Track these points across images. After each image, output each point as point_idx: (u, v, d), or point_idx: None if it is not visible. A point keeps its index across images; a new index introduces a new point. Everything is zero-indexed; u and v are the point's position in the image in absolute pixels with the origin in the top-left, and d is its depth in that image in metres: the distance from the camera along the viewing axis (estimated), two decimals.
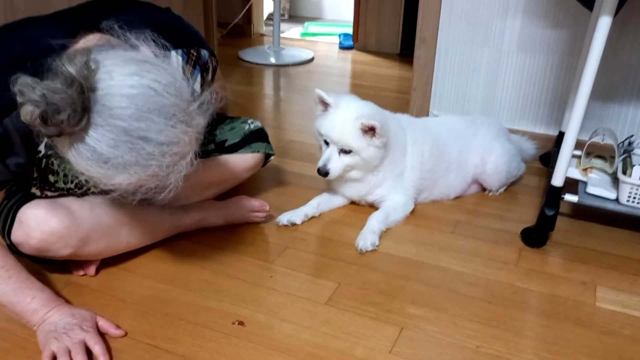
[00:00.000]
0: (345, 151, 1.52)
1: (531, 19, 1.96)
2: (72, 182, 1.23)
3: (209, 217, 1.51)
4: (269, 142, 1.62)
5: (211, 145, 1.57)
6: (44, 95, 0.85)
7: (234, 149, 1.55)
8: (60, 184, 1.23)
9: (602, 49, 1.32)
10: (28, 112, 0.85)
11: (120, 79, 0.90)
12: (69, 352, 1.04)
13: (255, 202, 1.54)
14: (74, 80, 0.86)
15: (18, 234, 1.16)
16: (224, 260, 1.40)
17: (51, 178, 1.22)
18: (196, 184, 1.52)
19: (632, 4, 1.75)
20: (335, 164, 1.54)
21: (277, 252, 1.45)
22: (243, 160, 1.56)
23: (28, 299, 1.10)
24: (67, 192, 1.25)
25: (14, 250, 1.19)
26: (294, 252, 1.45)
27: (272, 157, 1.66)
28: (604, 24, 1.31)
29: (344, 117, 1.51)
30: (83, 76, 0.87)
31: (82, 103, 0.87)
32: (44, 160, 1.19)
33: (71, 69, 0.86)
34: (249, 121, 1.63)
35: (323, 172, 1.54)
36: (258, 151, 1.57)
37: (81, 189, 1.25)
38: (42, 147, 1.17)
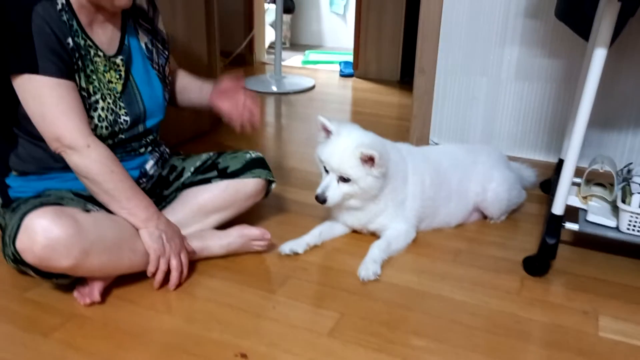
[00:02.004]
0: (344, 179, 1.54)
1: (528, 48, 1.99)
2: (91, 84, 1.34)
3: (211, 246, 1.52)
4: (269, 170, 1.65)
5: (214, 172, 1.59)
6: None
7: (236, 174, 1.59)
8: (83, 82, 1.32)
9: (598, 80, 1.35)
10: None
11: None
12: (168, 256, 1.35)
13: (256, 231, 1.55)
14: None
15: (23, 240, 1.19)
16: (226, 291, 1.40)
17: (76, 79, 1.30)
18: (198, 210, 1.56)
19: (628, 34, 1.78)
20: (334, 191, 1.55)
21: (279, 282, 1.45)
22: (244, 185, 1.59)
23: (144, 199, 1.35)
24: (87, 98, 1.33)
25: (17, 258, 1.21)
26: (296, 282, 1.45)
27: (274, 186, 1.67)
28: (599, 56, 1.33)
29: (344, 146, 1.52)
30: None
31: None
32: (73, 53, 1.28)
33: None
34: (251, 151, 1.67)
35: (321, 199, 1.55)
36: (260, 177, 1.60)
37: (92, 95, 1.34)
38: (69, 40, 1.27)
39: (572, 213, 1.57)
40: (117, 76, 1.40)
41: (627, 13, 1.58)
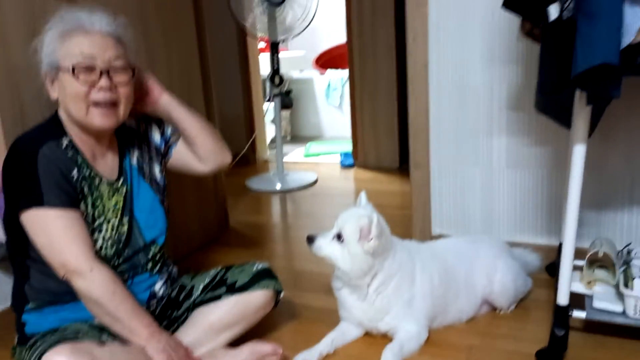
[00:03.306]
0: (339, 239, 1.59)
1: (515, 137, 2.08)
2: (95, 209, 1.43)
3: None
4: (277, 280, 1.69)
5: (222, 288, 1.63)
6: None
7: (244, 288, 1.63)
8: (89, 208, 1.42)
9: (582, 173, 1.41)
10: None
11: None
12: None
13: (268, 347, 1.56)
14: None
15: None
16: None
17: (82, 206, 1.40)
18: (210, 328, 1.58)
19: (608, 115, 1.85)
20: (325, 242, 1.62)
21: None
22: (253, 298, 1.63)
23: (144, 318, 1.38)
24: (92, 223, 1.42)
25: None
26: None
27: (282, 295, 1.71)
28: (578, 152, 1.40)
29: (358, 211, 1.63)
30: None
31: None
32: (78, 184, 1.40)
33: None
34: (257, 263, 1.71)
35: (310, 238, 1.63)
36: (267, 288, 1.64)
37: (97, 219, 1.44)
38: (75, 172, 1.39)
39: (579, 299, 1.58)
40: (120, 198, 1.50)
41: (602, 105, 1.67)
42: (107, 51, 1.38)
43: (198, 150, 1.65)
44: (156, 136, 1.65)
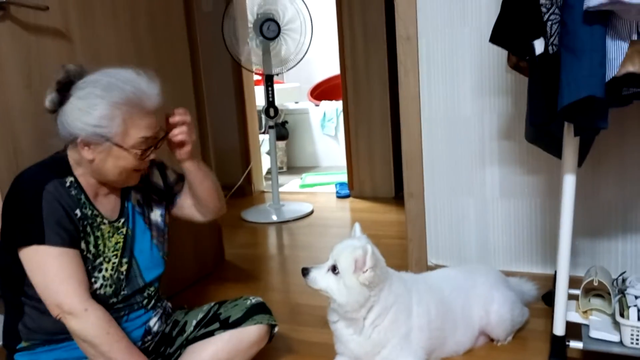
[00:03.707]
0: (334, 271, 1.58)
1: (508, 166, 2.10)
2: (96, 248, 1.44)
3: None
4: (271, 314, 1.68)
5: (216, 323, 1.62)
6: None
7: (238, 323, 1.61)
8: (91, 247, 1.43)
9: (574, 202, 1.42)
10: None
11: None
12: None
13: None
14: None
15: None
16: None
17: (82, 245, 1.41)
18: None
19: (597, 144, 1.88)
20: (320, 274, 1.60)
21: None
22: (247, 334, 1.62)
23: (139, 357, 1.38)
24: (93, 262, 1.42)
25: None
26: None
27: (276, 330, 1.69)
28: (569, 182, 1.42)
29: (352, 243, 1.61)
30: None
31: None
32: (80, 222, 1.40)
33: None
34: (250, 297, 1.71)
35: (305, 271, 1.61)
36: (261, 322, 1.63)
37: (98, 258, 1.44)
38: (77, 211, 1.40)
39: (576, 327, 1.57)
40: (121, 238, 1.50)
41: (591, 136, 1.69)
42: (158, 125, 1.46)
43: (201, 205, 1.69)
44: (158, 181, 1.67)
